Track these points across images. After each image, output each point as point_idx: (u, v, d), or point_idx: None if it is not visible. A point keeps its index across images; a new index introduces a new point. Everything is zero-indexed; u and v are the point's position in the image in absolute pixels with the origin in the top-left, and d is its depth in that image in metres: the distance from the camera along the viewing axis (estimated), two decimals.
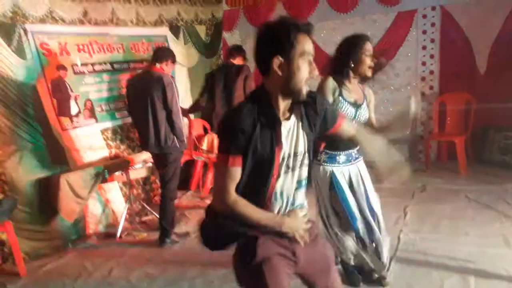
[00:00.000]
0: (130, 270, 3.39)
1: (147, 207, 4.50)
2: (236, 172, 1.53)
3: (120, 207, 4.43)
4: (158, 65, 3.66)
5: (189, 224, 4.24)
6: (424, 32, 5.62)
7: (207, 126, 5.64)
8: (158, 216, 3.90)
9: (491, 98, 5.14)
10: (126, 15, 4.74)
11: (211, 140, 5.13)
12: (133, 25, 4.85)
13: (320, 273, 1.75)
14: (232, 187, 1.54)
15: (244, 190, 1.56)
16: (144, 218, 4.45)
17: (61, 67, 4.09)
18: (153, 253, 3.68)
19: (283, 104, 1.57)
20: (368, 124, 2.61)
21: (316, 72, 1.53)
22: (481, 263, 2.99)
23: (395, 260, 3.15)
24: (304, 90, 1.53)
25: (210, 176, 5.18)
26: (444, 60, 5.57)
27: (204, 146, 5.14)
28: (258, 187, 1.58)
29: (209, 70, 6.07)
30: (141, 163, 4.32)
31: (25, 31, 3.75)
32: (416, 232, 3.63)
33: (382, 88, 5.65)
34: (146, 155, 4.40)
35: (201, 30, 5.90)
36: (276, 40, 1.48)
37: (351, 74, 2.53)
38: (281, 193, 1.62)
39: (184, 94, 5.55)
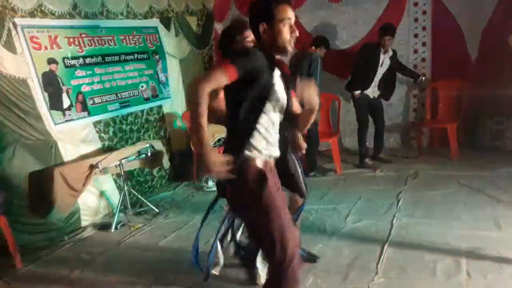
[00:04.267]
0: (126, 260, 3.41)
1: (142, 198, 4.51)
2: (223, 80, 1.72)
3: (115, 199, 4.44)
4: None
5: None
6: (416, 20, 5.64)
7: None
8: (152, 207, 3.90)
9: (483, 84, 5.18)
10: (116, 7, 4.70)
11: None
12: (123, 17, 4.82)
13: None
14: (211, 86, 1.69)
15: (243, 115, 1.82)
16: (139, 209, 4.46)
17: (52, 60, 4.06)
18: (149, 243, 3.70)
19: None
20: None
21: (296, 33, 1.90)
22: (473, 246, 3.04)
23: (389, 244, 3.20)
24: (289, 48, 1.89)
25: None
26: (436, 48, 5.60)
27: None
28: (254, 113, 1.84)
29: (201, 61, 6.07)
30: (135, 155, 4.32)
31: (14, 25, 3.71)
32: (409, 217, 3.68)
33: None
34: (140, 147, 4.42)
35: (192, 21, 5.87)
36: (260, 11, 1.88)
37: None
38: (266, 130, 1.89)
39: (176, 86, 5.56)
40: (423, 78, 5.32)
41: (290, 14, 1.88)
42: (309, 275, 2.81)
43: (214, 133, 5.12)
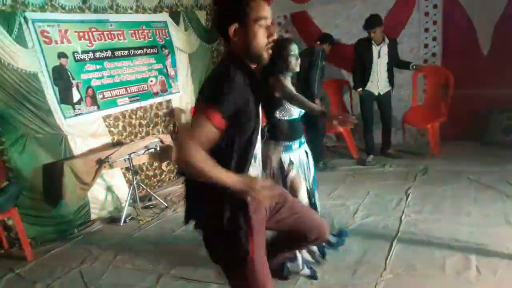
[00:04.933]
0: (135, 254, 3.44)
1: (151, 192, 4.54)
2: (211, 131, 1.46)
3: (124, 192, 4.48)
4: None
5: None
6: (427, 14, 5.56)
7: None
8: (161, 201, 3.91)
9: (494, 79, 5.11)
10: (125, 2, 4.72)
11: None
12: (132, 12, 4.83)
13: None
14: (201, 142, 1.44)
15: (230, 153, 1.55)
16: (148, 203, 4.49)
17: (62, 54, 4.09)
18: (157, 237, 3.73)
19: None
20: None
21: (274, 36, 1.56)
22: (483, 242, 3.01)
23: (397, 240, 3.18)
24: (265, 55, 1.57)
25: None
26: (446, 42, 5.53)
27: None
28: (245, 147, 1.58)
29: (210, 56, 6.07)
30: (144, 149, 4.35)
31: (25, 19, 3.75)
32: (418, 213, 3.65)
33: None
34: (148, 141, 4.44)
35: (201, 16, 5.86)
36: (230, 7, 1.52)
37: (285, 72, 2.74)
38: (255, 157, 1.67)
39: (185, 80, 5.56)
40: (414, 66, 5.19)
41: (266, 12, 1.54)
42: (318, 271, 2.81)
43: None
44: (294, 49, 2.74)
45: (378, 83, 5.08)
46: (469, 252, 2.90)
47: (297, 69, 2.79)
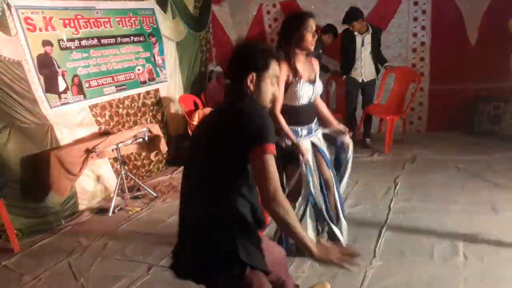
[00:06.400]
0: (124, 244, 3.41)
1: (139, 182, 4.50)
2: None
3: (112, 183, 4.43)
4: None
5: None
6: (416, 3, 5.57)
7: (198, 101, 5.62)
8: (150, 191, 3.87)
9: (481, 68, 5.16)
10: None
11: (202, 115, 5.10)
12: None
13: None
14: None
15: (249, 192, 1.61)
16: (136, 193, 4.46)
17: (47, 42, 4.00)
18: (147, 227, 3.70)
19: None
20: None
21: (277, 93, 1.76)
22: (470, 229, 3.07)
23: (386, 228, 3.21)
24: (268, 106, 1.74)
25: None
26: (435, 31, 5.55)
27: (195, 121, 5.12)
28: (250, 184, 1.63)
29: (198, 44, 6.00)
30: (131, 139, 4.29)
31: (8, 6, 3.64)
32: (406, 201, 3.69)
33: None
34: (137, 131, 4.39)
35: (189, 3, 5.77)
36: (253, 59, 1.67)
37: (297, 51, 2.56)
38: None
39: (173, 69, 5.50)
40: (386, 67, 5.24)
41: (278, 72, 1.76)
42: (307, 259, 2.81)
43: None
44: (312, 25, 2.51)
45: (361, 70, 5.17)
46: (456, 239, 2.94)
47: (312, 48, 2.56)
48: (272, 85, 1.71)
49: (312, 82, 2.63)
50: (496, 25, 5.08)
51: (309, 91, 2.59)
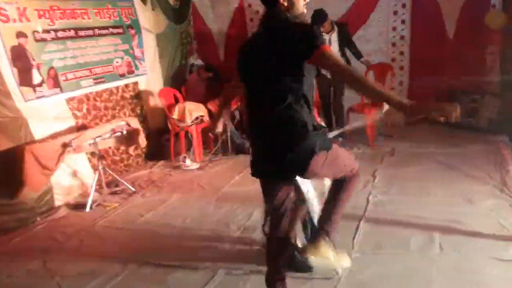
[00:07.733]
0: (102, 240, 3.36)
1: (117, 177, 4.43)
2: None
3: (89, 178, 4.36)
4: None
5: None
6: None
7: (178, 95, 5.56)
8: (128, 186, 3.82)
9: (459, 62, 5.22)
10: None
11: (182, 109, 5.05)
12: None
13: None
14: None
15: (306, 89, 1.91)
16: (115, 188, 4.39)
17: (21, 34, 3.89)
18: (124, 223, 3.65)
19: None
20: None
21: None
22: (446, 220, 3.10)
23: (364, 220, 3.23)
24: (304, 13, 1.99)
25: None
26: (415, 25, 5.59)
27: (175, 115, 5.06)
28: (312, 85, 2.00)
29: (178, 36, 5.92)
30: (109, 133, 4.22)
31: None
32: (384, 194, 3.72)
33: None
34: (115, 125, 4.32)
35: None
36: None
37: None
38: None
39: (152, 62, 5.42)
40: (361, 61, 5.26)
41: None
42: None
43: (191, 111, 5.06)
44: None
45: None
46: (433, 231, 2.98)
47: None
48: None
49: None
50: (474, 19, 5.15)
51: None
